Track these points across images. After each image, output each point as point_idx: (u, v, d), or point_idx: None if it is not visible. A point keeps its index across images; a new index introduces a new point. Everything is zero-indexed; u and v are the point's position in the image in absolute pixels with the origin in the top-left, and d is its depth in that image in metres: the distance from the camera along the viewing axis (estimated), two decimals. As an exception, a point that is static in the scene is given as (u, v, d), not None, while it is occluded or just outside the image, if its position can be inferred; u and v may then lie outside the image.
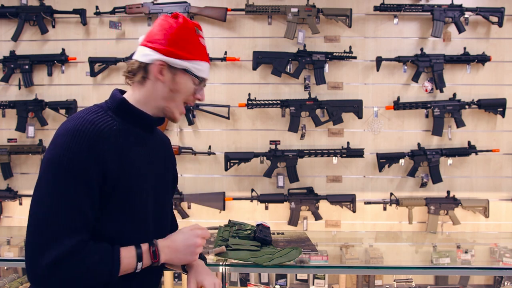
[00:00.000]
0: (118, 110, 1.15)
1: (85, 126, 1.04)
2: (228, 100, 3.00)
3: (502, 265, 2.16)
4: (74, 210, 1.01)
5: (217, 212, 2.99)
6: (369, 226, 3.03)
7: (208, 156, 3.01)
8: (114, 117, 1.13)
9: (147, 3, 2.94)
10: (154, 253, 1.12)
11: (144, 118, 1.18)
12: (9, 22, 3.05)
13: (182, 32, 1.16)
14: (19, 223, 3.08)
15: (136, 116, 1.17)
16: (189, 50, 1.16)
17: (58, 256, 0.98)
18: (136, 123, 1.17)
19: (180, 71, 1.16)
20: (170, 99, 1.18)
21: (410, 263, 2.12)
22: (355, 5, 2.97)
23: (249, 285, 2.68)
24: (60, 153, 1.02)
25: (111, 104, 1.16)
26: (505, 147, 2.98)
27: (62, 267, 0.99)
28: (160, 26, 1.17)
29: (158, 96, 1.17)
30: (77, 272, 1.01)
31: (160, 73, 1.15)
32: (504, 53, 2.97)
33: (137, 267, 1.09)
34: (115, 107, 1.15)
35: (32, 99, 3.00)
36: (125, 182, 1.09)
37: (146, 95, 1.18)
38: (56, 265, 0.98)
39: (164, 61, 1.14)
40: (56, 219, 1.00)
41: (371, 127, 3.01)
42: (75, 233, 1.01)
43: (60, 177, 1.01)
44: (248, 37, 3.02)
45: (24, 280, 2.56)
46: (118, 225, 1.11)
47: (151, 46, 1.15)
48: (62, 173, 1.01)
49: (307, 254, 1.86)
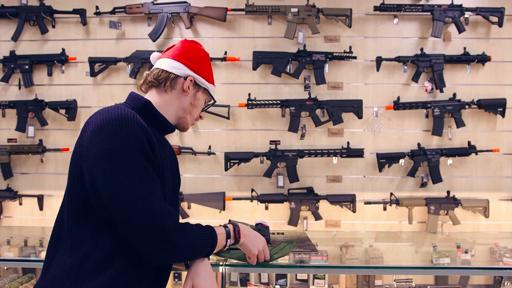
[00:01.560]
0: (142, 111, 1.20)
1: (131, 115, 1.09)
2: (228, 100, 3.00)
3: (502, 265, 2.15)
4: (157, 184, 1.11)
5: (217, 212, 3.00)
6: (369, 226, 3.03)
7: (208, 156, 3.01)
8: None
9: (147, 3, 2.94)
10: (238, 232, 1.27)
11: (164, 122, 1.26)
12: (9, 22, 3.05)
13: (205, 57, 1.33)
14: (19, 223, 3.08)
15: (158, 119, 1.24)
16: (210, 73, 1.33)
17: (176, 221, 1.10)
18: (156, 125, 1.23)
19: (201, 89, 1.30)
20: (188, 111, 1.29)
21: (410, 263, 2.11)
22: (355, 5, 2.97)
23: (249, 285, 2.68)
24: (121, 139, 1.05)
25: (134, 105, 1.21)
26: (505, 147, 2.98)
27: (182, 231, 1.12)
28: (188, 48, 1.30)
29: (179, 106, 1.28)
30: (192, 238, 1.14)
31: (188, 87, 1.27)
32: (504, 53, 2.97)
33: (227, 243, 1.25)
34: (139, 108, 1.21)
35: (32, 99, 3.00)
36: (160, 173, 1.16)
37: (168, 103, 1.26)
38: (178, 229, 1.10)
39: (194, 78, 1.27)
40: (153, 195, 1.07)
41: (371, 127, 3.01)
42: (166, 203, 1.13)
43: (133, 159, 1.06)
44: (248, 37, 3.02)
45: (24, 280, 2.56)
46: None
47: (184, 62, 1.26)
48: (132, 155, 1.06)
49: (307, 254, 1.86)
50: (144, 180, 1.06)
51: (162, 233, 1.06)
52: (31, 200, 3.02)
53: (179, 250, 1.11)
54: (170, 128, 1.28)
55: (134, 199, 1.04)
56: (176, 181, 1.36)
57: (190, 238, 1.13)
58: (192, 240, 1.13)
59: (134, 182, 1.04)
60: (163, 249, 1.07)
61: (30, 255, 2.35)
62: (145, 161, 1.08)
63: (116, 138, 1.05)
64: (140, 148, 1.07)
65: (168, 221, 1.07)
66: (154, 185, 1.08)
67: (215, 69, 3.01)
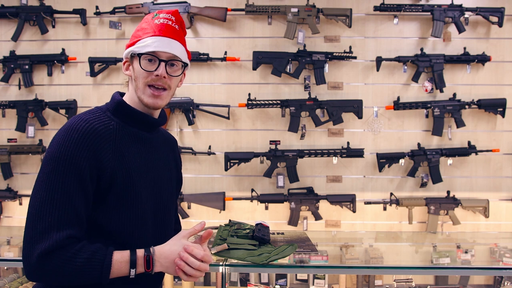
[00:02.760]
0: (116, 111, 1.17)
1: (79, 124, 1.07)
2: (228, 100, 3.00)
3: (502, 265, 2.15)
4: (66, 204, 1.03)
5: (217, 212, 3.00)
6: (369, 226, 3.03)
7: (208, 156, 3.01)
8: (112, 118, 1.15)
9: (147, 3, 2.94)
10: (148, 261, 1.08)
11: (141, 117, 1.19)
12: (9, 22, 3.05)
13: (141, 23, 1.20)
14: (19, 223, 3.08)
15: (133, 115, 1.18)
16: (137, 35, 1.18)
17: (46, 249, 1.00)
18: (133, 122, 1.19)
19: (134, 59, 1.17)
20: (136, 88, 1.17)
21: (410, 263, 2.11)
22: (355, 5, 2.97)
23: (249, 285, 2.68)
24: (55, 149, 1.05)
25: (110, 106, 1.18)
26: (505, 147, 2.98)
27: (51, 260, 1.01)
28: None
29: (133, 90, 1.19)
30: (66, 268, 1.01)
31: (126, 69, 1.20)
32: (504, 53, 2.97)
33: (130, 273, 1.07)
34: (114, 109, 1.17)
35: (32, 99, 3.00)
36: (121, 180, 1.11)
37: (131, 93, 1.21)
38: (45, 258, 1.00)
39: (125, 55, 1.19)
40: (47, 212, 1.02)
41: (371, 127, 3.01)
42: (65, 227, 1.02)
43: (53, 172, 1.04)
44: (248, 37, 3.02)
45: (24, 280, 2.56)
46: (116, 222, 1.12)
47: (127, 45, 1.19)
48: (55, 168, 1.04)
49: (307, 254, 1.86)
50: (49, 195, 1.02)
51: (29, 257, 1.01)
52: (31, 200, 3.01)
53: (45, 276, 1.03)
54: (150, 121, 1.21)
55: (28, 211, 1.05)
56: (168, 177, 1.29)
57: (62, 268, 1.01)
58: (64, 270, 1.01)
59: (36, 196, 1.04)
60: (29, 272, 1.03)
61: (30, 255, 2.35)
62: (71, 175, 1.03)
63: (55, 148, 1.05)
64: (68, 161, 1.04)
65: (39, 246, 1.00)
66: (59, 203, 1.02)
67: (215, 69, 3.02)
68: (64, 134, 1.06)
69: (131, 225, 1.14)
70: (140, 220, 1.16)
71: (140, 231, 1.16)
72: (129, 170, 1.13)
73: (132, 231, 1.14)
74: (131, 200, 1.13)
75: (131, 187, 1.13)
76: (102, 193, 1.09)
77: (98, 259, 1.04)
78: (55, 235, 1.01)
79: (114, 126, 1.13)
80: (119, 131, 1.14)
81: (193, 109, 2.97)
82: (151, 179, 1.20)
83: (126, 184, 1.11)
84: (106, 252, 1.06)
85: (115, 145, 1.11)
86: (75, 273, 1.02)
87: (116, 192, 1.10)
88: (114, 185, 1.10)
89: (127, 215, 1.13)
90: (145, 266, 1.08)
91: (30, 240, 1.02)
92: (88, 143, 1.06)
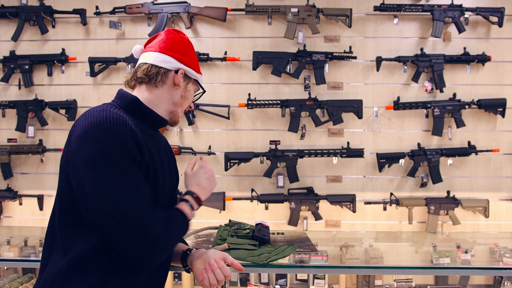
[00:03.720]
0: (129, 108, 1.17)
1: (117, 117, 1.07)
2: (228, 100, 3.00)
3: (502, 265, 2.15)
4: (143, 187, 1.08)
5: (217, 212, 2.99)
6: (369, 226, 3.03)
7: (208, 156, 3.01)
8: (128, 114, 1.15)
9: (147, 3, 2.94)
10: (197, 198, 1.29)
11: (155, 117, 1.22)
12: (9, 22, 3.05)
13: (190, 47, 1.30)
14: (19, 223, 3.08)
15: (147, 114, 1.21)
16: (196, 63, 1.31)
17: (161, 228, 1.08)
18: (146, 121, 1.20)
19: (192, 81, 1.29)
20: (179, 104, 1.27)
21: (410, 263, 2.11)
22: (355, 5, 2.97)
23: (249, 285, 2.68)
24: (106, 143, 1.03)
25: (121, 103, 1.18)
26: (505, 147, 2.98)
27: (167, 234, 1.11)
28: (173, 39, 1.26)
29: (170, 100, 1.25)
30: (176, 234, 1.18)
31: (180, 81, 1.25)
32: (504, 53, 2.97)
33: (193, 214, 1.26)
34: (127, 105, 1.18)
35: (32, 99, 3.00)
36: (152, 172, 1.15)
37: (159, 97, 1.23)
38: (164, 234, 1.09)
39: (184, 70, 1.25)
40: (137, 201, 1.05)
41: (371, 127, 3.01)
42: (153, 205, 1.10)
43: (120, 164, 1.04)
44: (248, 37, 3.02)
45: (24, 280, 2.56)
46: None
47: (172, 54, 1.23)
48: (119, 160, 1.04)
49: (307, 254, 1.86)
50: (132, 186, 1.04)
51: (154, 241, 1.06)
52: (31, 200, 3.02)
53: (168, 251, 1.18)
54: (162, 121, 1.25)
55: (123, 207, 1.02)
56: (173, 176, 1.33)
57: (176, 234, 1.18)
58: (177, 234, 1.20)
59: (122, 190, 1.03)
60: (153, 254, 1.07)
61: (30, 255, 2.35)
62: (133, 164, 1.05)
63: (102, 143, 1.02)
64: (127, 152, 1.04)
65: (158, 227, 1.07)
66: (142, 190, 1.07)
67: (215, 69, 3.02)
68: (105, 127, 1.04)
69: None
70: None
71: None
72: (156, 162, 1.17)
73: None
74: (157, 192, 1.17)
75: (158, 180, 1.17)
76: None
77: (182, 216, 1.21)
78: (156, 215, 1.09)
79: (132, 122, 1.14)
80: (136, 127, 1.14)
81: (193, 109, 2.97)
82: (166, 174, 1.26)
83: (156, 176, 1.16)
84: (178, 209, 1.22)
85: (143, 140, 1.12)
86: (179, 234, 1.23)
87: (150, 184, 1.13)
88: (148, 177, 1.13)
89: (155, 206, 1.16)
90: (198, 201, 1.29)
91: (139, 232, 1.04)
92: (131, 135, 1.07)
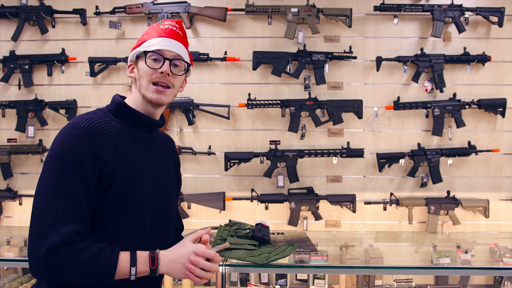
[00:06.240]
0: (116, 112, 1.19)
1: (81, 122, 1.09)
2: (228, 100, 3.00)
3: (502, 265, 2.15)
4: (71, 199, 1.04)
5: (217, 212, 2.99)
6: (369, 226, 3.03)
7: (208, 156, 3.01)
8: (113, 118, 1.17)
9: (147, 3, 2.94)
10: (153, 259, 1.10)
11: (141, 118, 1.22)
12: (9, 22, 3.05)
13: (147, 30, 1.26)
14: (19, 223, 3.08)
15: (133, 116, 1.20)
16: (143, 38, 1.23)
17: (55, 244, 1.00)
18: (134, 124, 1.20)
19: (139, 59, 1.21)
20: (140, 86, 1.20)
21: (410, 263, 2.11)
22: (355, 5, 2.97)
23: (249, 285, 2.68)
24: (57, 146, 1.07)
25: (110, 107, 1.21)
26: (505, 147, 2.98)
27: (58, 255, 1.01)
28: None
29: (136, 91, 1.22)
30: (73, 264, 1.02)
31: (131, 71, 1.24)
32: (504, 53, 2.97)
33: (130, 272, 1.07)
34: (114, 109, 1.20)
35: (32, 99, 3.00)
36: (121, 178, 1.12)
37: (134, 95, 1.24)
38: (53, 253, 1.00)
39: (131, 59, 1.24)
40: (53, 208, 1.03)
41: (371, 127, 3.01)
42: (72, 222, 1.03)
43: (57, 168, 1.05)
44: (248, 37, 3.02)
45: (24, 280, 2.56)
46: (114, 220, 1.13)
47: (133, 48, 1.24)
48: (58, 164, 1.05)
49: (307, 254, 1.86)
50: (54, 190, 1.03)
51: (36, 253, 1.01)
52: (31, 200, 2.99)
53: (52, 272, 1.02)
54: (150, 122, 1.23)
55: (32, 207, 1.05)
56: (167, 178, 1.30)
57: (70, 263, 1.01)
58: (72, 265, 1.01)
59: (42, 192, 1.05)
60: (36, 267, 1.02)
61: (30, 255, 2.35)
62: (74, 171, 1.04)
63: (58, 145, 1.07)
64: (71, 157, 1.05)
65: (47, 241, 1.00)
66: (64, 198, 1.03)
67: (215, 69, 3.02)
68: (67, 131, 1.08)
69: (129, 224, 1.15)
70: (139, 219, 1.17)
71: (138, 230, 1.17)
72: (129, 169, 1.14)
73: (130, 229, 1.15)
74: (130, 199, 1.14)
75: (131, 185, 1.14)
76: (102, 190, 1.10)
77: (104, 256, 1.04)
78: (62, 230, 1.01)
79: (115, 126, 1.15)
80: (119, 131, 1.15)
81: (193, 109, 2.97)
82: (151, 179, 1.21)
83: (125, 182, 1.12)
84: (113, 250, 1.07)
85: (116, 144, 1.13)
86: (81, 269, 1.03)
87: (116, 190, 1.11)
88: (114, 183, 1.10)
89: (126, 213, 1.14)
90: (150, 264, 1.09)
91: (37, 235, 1.02)
92: (90, 140, 1.07)
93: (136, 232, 1.16)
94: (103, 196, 1.10)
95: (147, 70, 1.18)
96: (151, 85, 1.18)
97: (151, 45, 1.19)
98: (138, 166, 1.17)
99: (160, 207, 1.25)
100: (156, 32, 1.22)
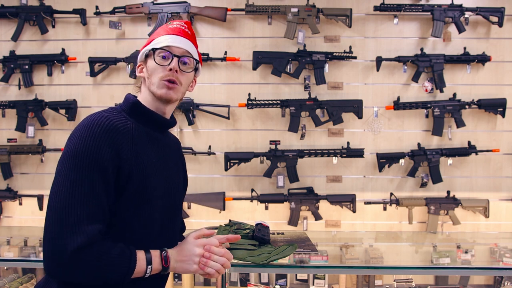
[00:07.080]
0: (131, 111, 1.19)
1: (100, 120, 1.08)
2: (228, 100, 3.00)
3: (502, 265, 2.15)
4: (93, 198, 1.03)
5: (217, 212, 2.99)
6: (369, 226, 3.03)
7: (208, 156, 3.01)
8: (128, 118, 1.17)
9: (147, 3, 2.94)
10: (165, 258, 1.14)
11: (155, 118, 1.22)
12: (9, 22, 3.05)
13: (156, 30, 1.28)
14: (19, 223, 3.08)
15: (148, 116, 1.21)
16: (152, 38, 1.25)
17: (83, 243, 0.99)
18: (147, 123, 1.21)
19: (148, 58, 1.22)
20: (150, 84, 1.21)
21: (410, 263, 2.11)
22: (355, 5, 2.97)
23: (249, 285, 2.68)
24: (77, 144, 1.05)
25: (125, 106, 1.20)
26: (505, 147, 2.98)
27: (86, 255, 1.00)
28: None
29: (146, 90, 1.23)
30: (99, 264, 1.02)
31: (140, 71, 1.25)
32: (504, 53, 2.97)
33: (147, 270, 1.10)
34: (129, 109, 1.19)
35: (32, 99, 3.00)
36: (137, 177, 1.11)
37: (144, 94, 1.24)
38: (80, 253, 0.99)
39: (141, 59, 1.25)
40: (76, 206, 1.01)
41: (371, 127, 3.01)
42: (95, 221, 1.03)
43: (77, 167, 1.03)
44: (248, 37, 3.02)
45: (24, 280, 2.56)
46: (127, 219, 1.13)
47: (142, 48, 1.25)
48: (78, 163, 1.03)
49: (307, 254, 1.86)
50: (76, 189, 1.02)
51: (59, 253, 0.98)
52: (31, 200, 3.02)
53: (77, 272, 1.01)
54: (162, 121, 1.24)
55: (50, 208, 1.02)
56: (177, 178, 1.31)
57: (98, 262, 1.01)
58: (100, 264, 1.02)
59: (61, 191, 1.02)
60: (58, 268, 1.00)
61: (30, 255, 2.35)
62: (94, 169, 1.03)
63: (77, 143, 1.04)
64: (91, 156, 1.03)
65: (72, 240, 0.98)
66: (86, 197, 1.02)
67: (215, 69, 3.02)
68: (85, 129, 1.06)
69: (141, 223, 1.15)
70: (150, 219, 1.17)
71: (149, 229, 1.17)
72: (145, 169, 1.14)
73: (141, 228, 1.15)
74: (145, 199, 1.14)
75: (147, 185, 1.14)
76: (119, 190, 1.09)
77: (126, 256, 1.06)
78: (88, 229, 1.00)
79: (131, 125, 1.14)
80: (135, 130, 1.15)
81: (193, 109, 2.97)
82: (164, 179, 1.22)
83: (142, 182, 1.12)
84: (131, 249, 1.09)
85: (133, 143, 1.12)
86: (106, 269, 1.03)
87: (132, 190, 1.11)
88: (130, 183, 1.10)
89: (139, 213, 1.14)
90: (163, 262, 1.13)
91: (59, 235, 0.99)
92: (109, 138, 1.06)
93: (147, 232, 1.16)
94: (120, 195, 1.10)
95: (156, 68, 1.19)
96: (160, 81, 1.19)
97: (160, 42, 1.21)
98: (153, 167, 1.17)
99: (170, 208, 1.26)
100: (164, 31, 1.24)
